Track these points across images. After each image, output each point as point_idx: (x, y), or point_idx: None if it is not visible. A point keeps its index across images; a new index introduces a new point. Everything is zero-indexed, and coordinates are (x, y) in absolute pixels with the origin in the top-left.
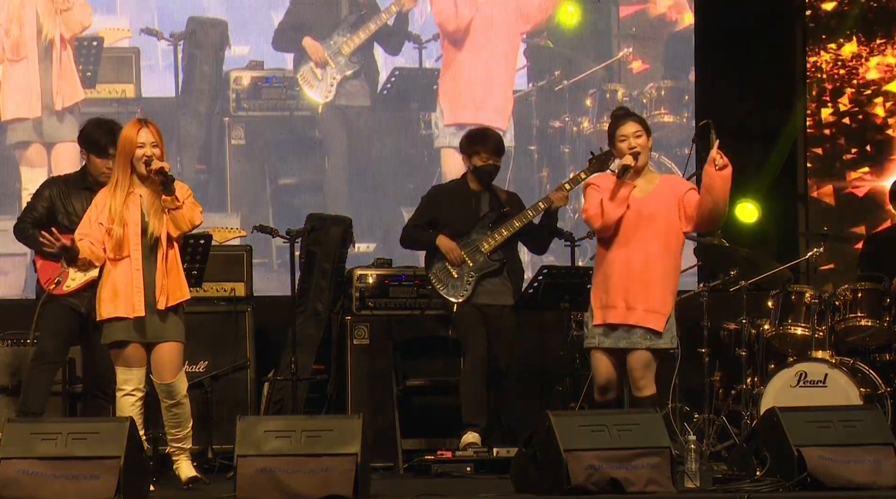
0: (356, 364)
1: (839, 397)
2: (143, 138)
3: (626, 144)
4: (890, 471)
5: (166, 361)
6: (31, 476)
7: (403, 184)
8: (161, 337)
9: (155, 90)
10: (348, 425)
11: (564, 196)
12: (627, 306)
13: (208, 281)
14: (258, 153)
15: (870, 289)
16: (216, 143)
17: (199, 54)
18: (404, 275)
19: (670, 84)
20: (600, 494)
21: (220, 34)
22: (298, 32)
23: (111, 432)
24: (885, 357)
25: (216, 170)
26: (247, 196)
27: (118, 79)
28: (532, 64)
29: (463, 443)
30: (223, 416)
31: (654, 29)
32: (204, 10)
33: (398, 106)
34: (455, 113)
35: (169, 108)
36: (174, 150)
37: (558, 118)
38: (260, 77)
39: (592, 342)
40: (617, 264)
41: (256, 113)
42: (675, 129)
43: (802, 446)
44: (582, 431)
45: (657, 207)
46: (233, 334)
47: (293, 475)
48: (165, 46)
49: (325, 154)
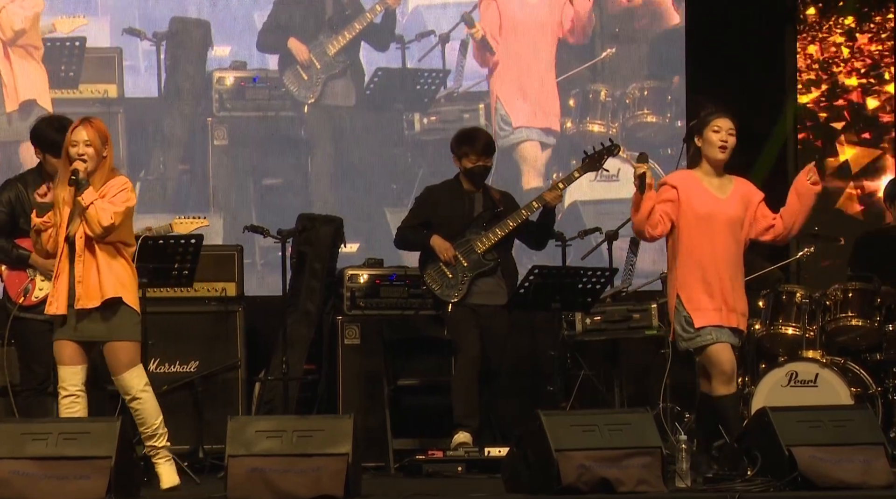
0: (347, 364)
1: (830, 396)
2: (76, 137)
3: (719, 135)
4: (880, 471)
5: (112, 358)
6: (22, 477)
7: (387, 184)
8: (104, 336)
9: (138, 90)
10: (339, 425)
11: (558, 195)
12: (730, 308)
13: (199, 281)
14: (242, 153)
15: (860, 289)
16: (199, 143)
17: (182, 55)
18: (395, 275)
19: (654, 84)
20: (591, 494)
21: (203, 35)
22: (283, 33)
23: (102, 432)
24: (875, 357)
25: (199, 170)
26: (230, 196)
27: (101, 79)
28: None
29: (454, 443)
30: (214, 416)
31: (637, 30)
32: (187, 11)
33: (382, 106)
34: (518, 116)
35: (152, 109)
36: (158, 149)
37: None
38: (244, 77)
39: (706, 339)
40: (713, 268)
41: (240, 113)
42: (659, 129)
43: (793, 446)
44: (573, 430)
45: (740, 210)
46: (224, 334)
47: (284, 475)
48: (148, 47)
49: (310, 154)
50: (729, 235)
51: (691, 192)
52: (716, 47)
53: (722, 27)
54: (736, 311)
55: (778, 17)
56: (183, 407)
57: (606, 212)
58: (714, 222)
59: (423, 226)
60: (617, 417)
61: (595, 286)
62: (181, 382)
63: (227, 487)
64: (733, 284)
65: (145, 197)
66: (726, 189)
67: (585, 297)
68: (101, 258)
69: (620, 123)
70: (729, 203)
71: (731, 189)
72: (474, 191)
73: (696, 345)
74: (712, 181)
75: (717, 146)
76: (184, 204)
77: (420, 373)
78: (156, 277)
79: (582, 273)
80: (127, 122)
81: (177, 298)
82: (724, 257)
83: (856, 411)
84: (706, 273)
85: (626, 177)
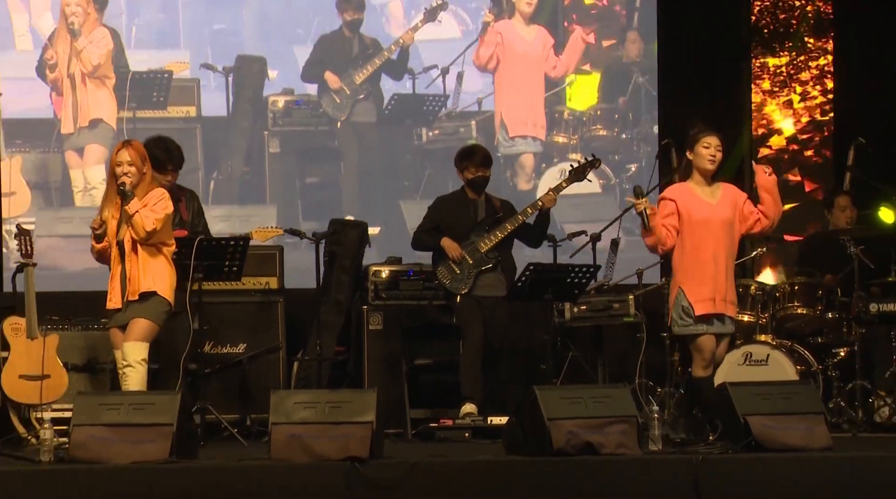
0: (371, 347)
1: (779, 373)
2: (120, 158)
3: (709, 151)
4: (820, 436)
5: (129, 328)
6: (98, 441)
7: (401, 181)
8: (130, 318)
9: (211, 110)
10: (364, 397)
11: (552, 198)
12: (722, 298)
13: (246, 276)
14: (290, 159)
15: (805, 283)
16: (257, 151)
17: (245, 83)
18: (412, 271)
19: (606, 106)
20: (578, 456)
21: (260, 68)
22: (321, 67)
23: (165, 403)
24: (817, 340)
25: (258, 171)
26: (281, 191)
27: (183, 102)
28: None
29: (462, 413)
30: (259, 390)
31: (595, 57)
32: (247, 49)
33: (396, 122)
34: (515, 128)
35: (222, 125)
36: (226, 155)
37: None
38: (291, 101)
39: (698, 329)
40: (710, 263)
41: (288, 128)
42: (609, 141)
43: (748, 415)
44: (563, 402)
45: (730, 212)
46: (267, 321)
47: (318, 440)
48: (219, 77)
49: (341, 160)
50: (724, 235)
51: (688, 202)
52: (684, 78)
53: (689, 61)
54: (728, 300)
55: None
56: (232, 382)
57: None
58: (710, 225)
59: (434, 229)
60: (600, 391)
61: (581, 280)
62: (231, 361)
63: (270, 450)
64: (727, 277)
65: (217, 192)
66: (716, 195)
67: (573, 289)
68: (143, 257)
69: (580, 135)
70: (720, 207)
71: (721, 194)
72: (477, 199)
73: (688, 332)
74: (704, 189)
75: (707, 159)
76: (245, 197)
77: (433, 354)
78: (210, 272)
79: (570, 269)
80: (203, 135)
81: (228, 291)
82: (721, 254)
83: (800, 385)
84: (705, 269)
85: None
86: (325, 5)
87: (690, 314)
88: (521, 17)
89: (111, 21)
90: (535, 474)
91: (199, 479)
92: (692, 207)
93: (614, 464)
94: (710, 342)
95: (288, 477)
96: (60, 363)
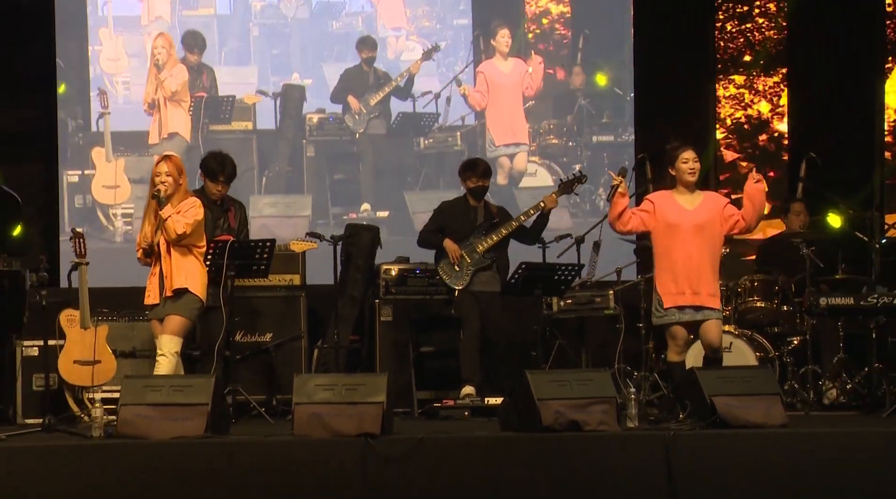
0: (383, 336)
1: (740, 359)
2: (159, 169)
3: (687, 166)
4: (777, 414)
5: (165, 323)
6: (143, 419)
7: (405, 178)
8: (169, 312)
9: (264, 124)
10: (377, 381)
11: (553, 199)
12: (693, 292)
13: (273, 273)
14: (322, 161)
15: (763, 280)
16: (297, 154)
17: (289, 105)
18: (419, 269)
19: (556, 121)
20: (564, 432)
21: (300, 93)
22: (344, 93)
23: (201, 385)
24: (774, 330)
25: (297, 169)
26: (316, 185)
27: (243, 118)
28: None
29: (462, 394)
30: (283, 374)
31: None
32: (292, 78)
33: (401, 134)
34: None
35: (272, 135)
36: (275, 158)
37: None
38: (323, 118)
39: (671, 319)
40: (681, 262)
41: (321, 138)
42: (560, 147)
43: (714, 396)
44: (551, 385)
45: (706, 217)
46: (291, 313)
47: (336, 418)
48: (270, 100)
49: (360, 162)
50: (694, 237)
51: (665, 206)
52: (658, 99)
53: (663, 85)
54: (706, 293)
55: (700, 77)
56: (260, 367)
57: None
58: (680, 229)
59: (438, 231)
60: (583, 374)
61: (567, 277)
62: (260, 349)
63: (293, 427)
64: (700, 273)
65: (268, 185)
66: (695, 202)
67: (560, 285)
68: (176, 257)
69: (538, 143)
70: (695, 213)
71: (700, 202)
72: (477, 205)
73: (663, 322)
74: (684, 197)
75: (688, 173)
76: (288, 189)
77: (437, 342)
78: (241, 270)
79: (557, 268)
80: (258, 144)
81: (256, 287)
82: (691, 255)
83: (759, 369)
84: (675, 266)
85: (542, 174)
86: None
87: (662, 306)
88: (500, 55)
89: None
90: (526, 447)
91: (231, 452)
92: (667, 212)
93: (596, 439)
94: (680, 331)
95: (309, 451)
96: (110, 350)
